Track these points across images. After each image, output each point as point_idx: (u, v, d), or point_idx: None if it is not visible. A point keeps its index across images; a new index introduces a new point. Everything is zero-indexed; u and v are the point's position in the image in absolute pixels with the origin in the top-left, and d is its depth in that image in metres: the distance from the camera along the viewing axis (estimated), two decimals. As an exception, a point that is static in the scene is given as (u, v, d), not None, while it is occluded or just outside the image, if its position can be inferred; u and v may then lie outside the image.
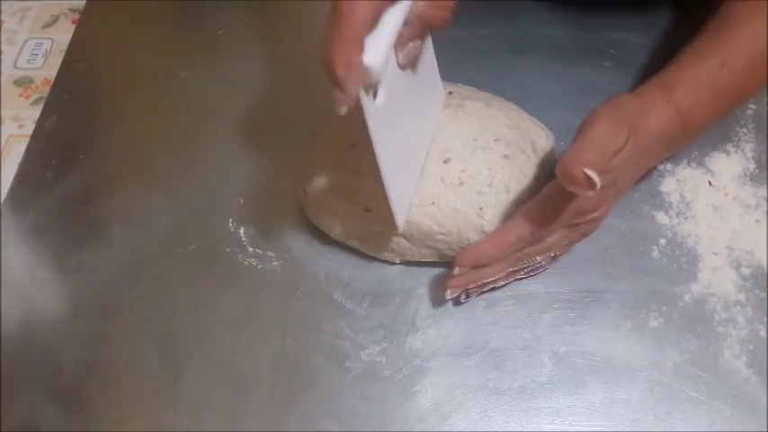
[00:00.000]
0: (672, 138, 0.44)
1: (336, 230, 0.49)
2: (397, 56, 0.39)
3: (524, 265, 0.46)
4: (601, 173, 0.38)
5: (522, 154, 0.48)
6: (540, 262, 0.46)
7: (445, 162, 0.47)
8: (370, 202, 0.47)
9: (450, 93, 0.50)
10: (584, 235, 0.47)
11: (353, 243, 0.50)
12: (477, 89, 0.52)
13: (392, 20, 0.35)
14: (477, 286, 0.46)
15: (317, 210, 0.50)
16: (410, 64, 0.40)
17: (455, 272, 0.45)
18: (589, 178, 0.38)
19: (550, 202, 0.43)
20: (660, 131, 0.43)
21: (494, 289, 0.47)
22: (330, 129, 0.51)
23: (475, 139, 0.48)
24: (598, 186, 0.38)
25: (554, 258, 0.47)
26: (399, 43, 0.38)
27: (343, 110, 0.35)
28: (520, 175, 0.47)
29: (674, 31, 0.61)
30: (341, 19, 0.33)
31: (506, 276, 0.46)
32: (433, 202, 0.46)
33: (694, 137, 0.47)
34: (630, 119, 0.42)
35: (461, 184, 0.46)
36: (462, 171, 0.47)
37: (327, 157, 0.50)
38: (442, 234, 0.46)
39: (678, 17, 0.60)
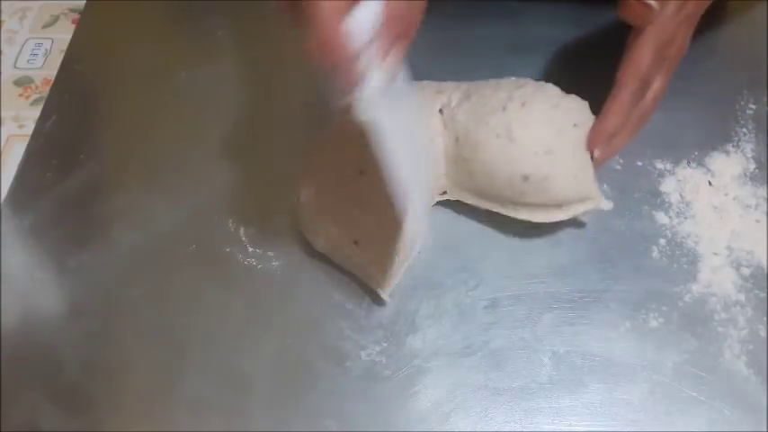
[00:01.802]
0: None
1: (320, 245, 0.49)
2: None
3: (646, 119, 0.48)
4: None
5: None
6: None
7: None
8: (359, 234, 0.47)
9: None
10: (675, 61, 0.48)
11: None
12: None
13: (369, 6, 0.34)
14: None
15: (308, 222, 0.49)
16: (397, 66, 0.38)
17: (595, 155, 0.47)
18: (647, 5, 0.43)
19: (635, 55, 0.45)
20: None
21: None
22: (335, 145, 0.50)
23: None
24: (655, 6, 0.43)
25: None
26: (381, 50, 0.36)
27: (351, 97, 0.35)
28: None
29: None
30: (314, 11, 0.33)
31: None
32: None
33: None
34: None
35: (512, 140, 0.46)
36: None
37: (329, 174, 0.49)
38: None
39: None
